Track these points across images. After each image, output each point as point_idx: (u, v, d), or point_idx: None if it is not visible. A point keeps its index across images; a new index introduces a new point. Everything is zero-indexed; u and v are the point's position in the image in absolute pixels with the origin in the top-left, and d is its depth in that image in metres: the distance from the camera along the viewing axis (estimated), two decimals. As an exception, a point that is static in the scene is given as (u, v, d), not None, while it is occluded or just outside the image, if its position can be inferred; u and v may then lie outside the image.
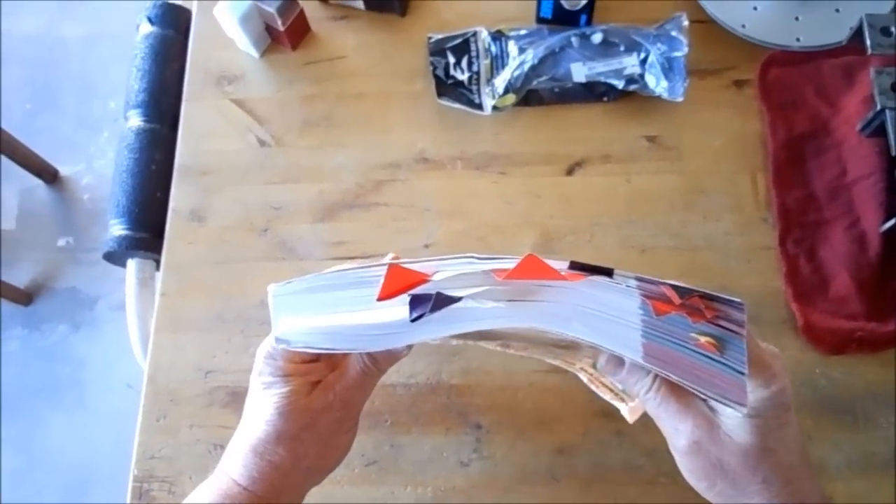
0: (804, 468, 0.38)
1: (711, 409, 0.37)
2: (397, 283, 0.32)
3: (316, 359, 0.42)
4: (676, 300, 0.31)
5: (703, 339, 0.31)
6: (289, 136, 0.64)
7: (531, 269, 0.31)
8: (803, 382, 0.53)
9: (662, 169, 0.59)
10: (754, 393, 0.36)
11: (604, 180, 0.59)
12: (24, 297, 1.50)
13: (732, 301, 0.32)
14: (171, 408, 0.56)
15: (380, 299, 0.32)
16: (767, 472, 0.36)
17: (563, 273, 0.31)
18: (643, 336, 0.31)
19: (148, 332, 0.59)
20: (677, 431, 0.37)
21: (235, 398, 0.56)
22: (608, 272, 0.32)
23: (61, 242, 1.54)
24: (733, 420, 0.36)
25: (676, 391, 0.37)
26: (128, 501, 0.54)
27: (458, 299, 0.31)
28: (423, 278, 0.32)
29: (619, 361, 0.39)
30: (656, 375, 0.37)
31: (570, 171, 0.60)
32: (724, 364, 0.31)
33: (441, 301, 0.31)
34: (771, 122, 0.60)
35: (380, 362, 0.41)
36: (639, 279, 0.32)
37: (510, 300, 0.31)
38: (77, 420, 1.42)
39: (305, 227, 0.60)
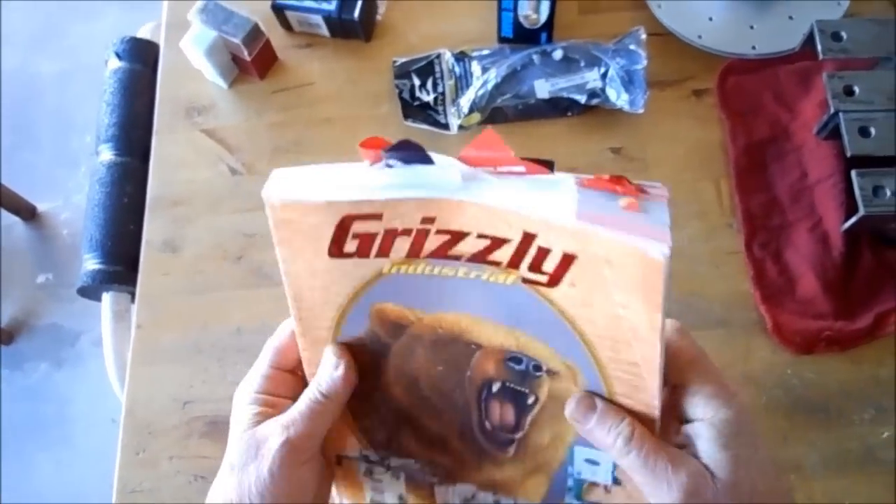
0: (781, 493, 0.35)
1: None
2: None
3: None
4: (605, 178, 0.32)
5: (627, 201, 0.32)
6: (259, 164, 0.64)
7: (488, 142, 0.32)
8: (776, 384, 0.54)
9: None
10: (718, 413, 0.33)
11: (571, 193, 0.60)
12: (5, 337, 1.49)
13: (655, 184, 0.32)
14: (150, 440, 0.56)
15: (361, 145, 0.32)
16: None
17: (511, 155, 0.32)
18: (577, 204, 0.31)
19: (125, 365, 0.59)
20: (669, 484, 0.32)
21: (214, 428, 0.56)
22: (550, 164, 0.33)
23: (41, 279, 1.53)
24: (712, 459, 0.32)
25: (657, 441, 0.33)
26: (109, 537, 0.54)
27: (430, 161, 0.33)
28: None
29: (590, 404, 0.34)
30: (632, 424, 0.33)
31: (537, 186, 0.61)
32: (647, 216, 0.31)
33: (412, 156, 0.33)
34: (731, 130, 0.62)
35: (330, 396, 0.38)
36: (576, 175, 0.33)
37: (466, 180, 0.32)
38: (63, 458, 1.41)
39: (279, 253, 0.61)
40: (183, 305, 0.60)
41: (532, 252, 0.32)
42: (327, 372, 0.38)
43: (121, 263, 0.62)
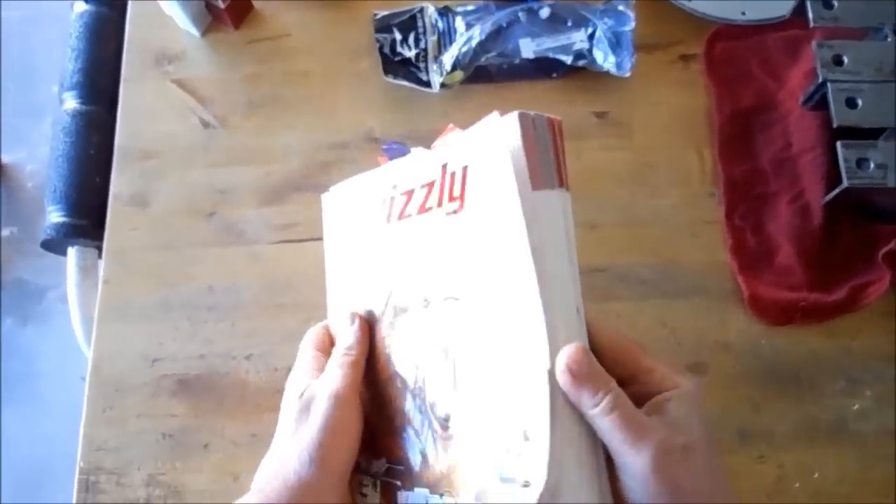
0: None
1: None
2: None
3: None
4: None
5: None
6: (233, 118, 0.62)
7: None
8: (750, 353, 0.54)
9: (612, 145, 0.60)
10: (684, 384, 0.36)
11: (554, 157, 0.59)
12: (-31, 291, 1.45)
13: None
14: (117, 398, 0.55)
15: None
16: (721, 474, 0.36)
17: None
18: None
19: (92, 322, 0.57)
20: (640, 443, 0.33)
21: (184, 386, 0.55)
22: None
23: (5, 232, 1.49)
24: (682, 421, 0.35)
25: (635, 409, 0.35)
26: (74, 495, 0.53)
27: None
28: None
29: (585, 359, 0.34)
30: (616, 388, 0.34)
31: (519, 149, 0.59)
32: None
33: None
34: (717, 97, 0.61)
35: (351, 344, 0.42)
36: None
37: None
38: (30, 415, 1.39)
39: (252, 211, 0.59)
40: (152, 262, 0.58)
41: (447, 181, 0.39)
42: (346, 329, 0.43)
43: (86, 217, 0.60)
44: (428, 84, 0.59)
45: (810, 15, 0.55)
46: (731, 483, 0.36)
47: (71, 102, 0.63)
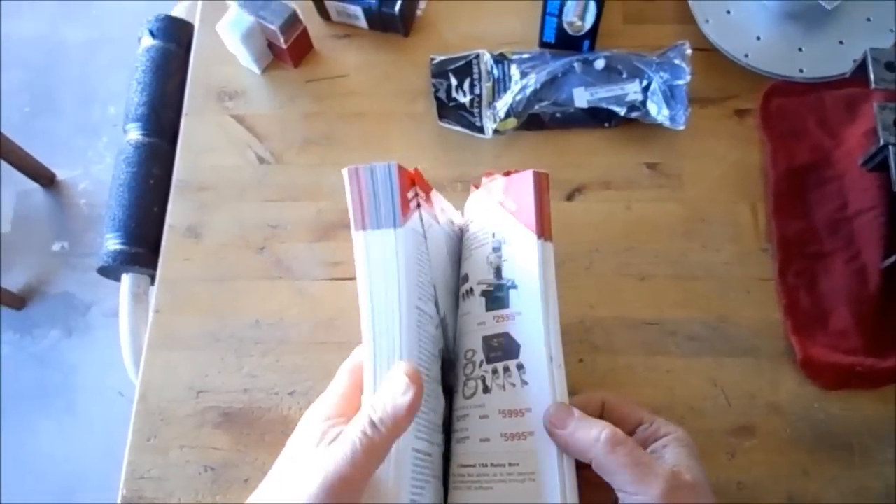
0: None
1: None
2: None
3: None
4: None
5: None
6: (288, 154, 0.63)
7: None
8: (801, 417, 0.53)
9: (663, 196, 0.59)
10: (678, 432, 0.39)
11: (604, 206, 0.59)
12: (17, 301, 1.49)
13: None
14: (162, 427, 0.56)
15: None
16: None
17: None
18: None
19: (141, 348, 0.58)
20: (656, 476, 0.35)
21: (227, 419, 0.55)
22: None
23: (56, 247, 1.53)
24: (682, 464, 0.37)
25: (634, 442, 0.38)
26: (115, 522, 0.54)
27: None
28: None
29: (568, 410, 0.38)
30: (611, 425, 0.37)
31: (569, 197, 0.59)
32: None
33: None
34: (772, 152, 0.60)
35: (381, 426, 0.34)
36: None
37: None
38: (67, 427, 1.41)
39: (303, 247, 0.60)
40: (202, 292, 0.59)
41: None
42: (390, 395, 0.35)
43: (142, 245, 0.61)
44: (481, 130, 0.60)
45: (871, 76, 0.54)
46: None
47: (134, 133, 0.65)
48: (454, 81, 0.61)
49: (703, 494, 0.37)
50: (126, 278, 0.62)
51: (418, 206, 0.44)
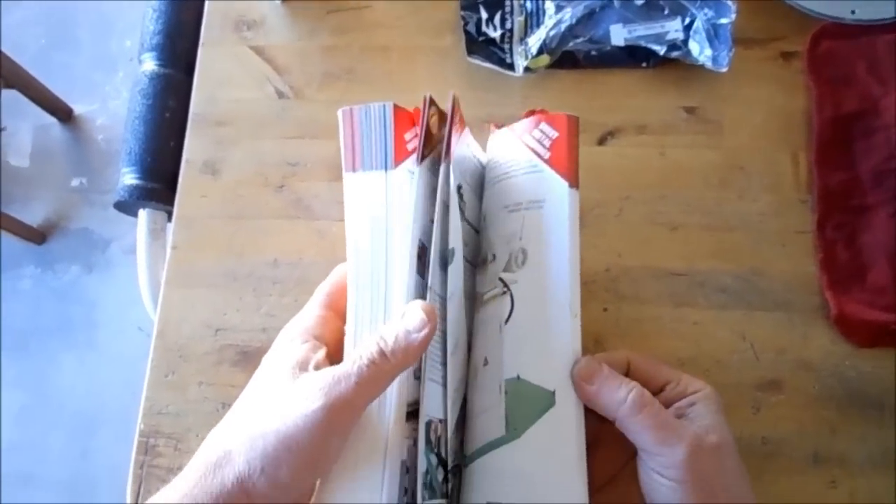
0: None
1: None
2: None
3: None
4: None
5: None
6: (308, 89, 0.61)
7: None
8: (831, 374, 0.51)
9: (700, 143, 0.56)
10: (705, 390, 0.38)
11: (637, 152, 0.57)
12: (38, 236, 1.50)
13: None
14: (180, 364, 0.55)
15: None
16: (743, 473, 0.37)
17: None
18: None
19: (158, 285, 0.58)
20: (680, 438, 0.35)
21: (245, 358, 0.55)
22: None
23: (75, 183, 1.53)
24: (708, 423, 0.36)
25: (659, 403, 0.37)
26: (133, 455, 0.54)
27: None
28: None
29: (598, 367, 0.37)
30: (638, 385, 0.37)
31: (601, 141, 0.57)
32: None
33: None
34: (818, 98, 0.57)
35: (391, 357, 0.34)
36: None
37: None
38: (87, 361, 1.44)
39: (323, 186, 0.58)
40: (220, 230, 0.58)
41: None
42: (404, 329, 0.34)
43: (159, 180, 0.60)
44: (511, 67, 0.57)
45: (933, 17, 0.50)
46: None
47: (150, 64, 0.63)
48: (484, 14, 0.58)
49: (727, 455, 0.36)
50: (143, 214, 0.61)
51: (430, 148, 0.42)
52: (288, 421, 0.32)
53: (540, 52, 0.56)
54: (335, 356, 0.37)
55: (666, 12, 0.56)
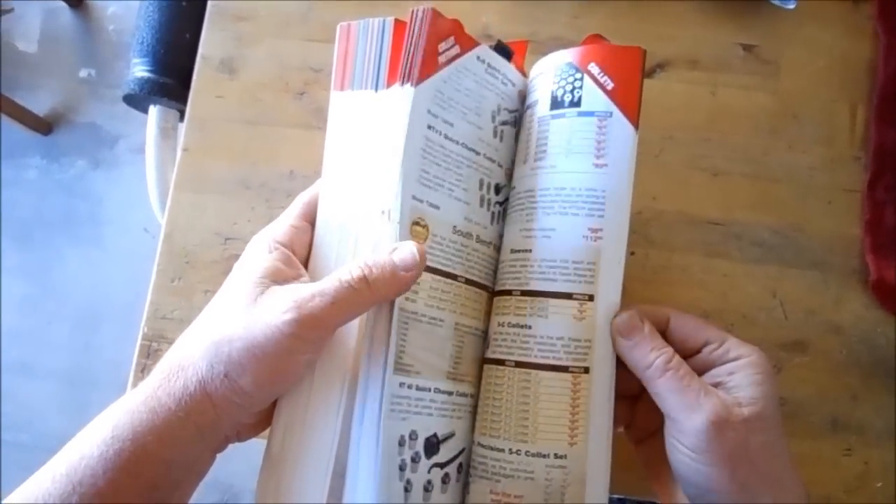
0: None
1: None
2: None
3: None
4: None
5: None
6: (338, -12, 0.56)
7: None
8: (860, 340, 0.49)
9: (754, 84, 0.52)
10: (751, 356, 0.35)
11: (686, 88, 0.53)
12: (44, 126, 1.46)
13: None
14: (187, 270, 0.53)
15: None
16: (780, 452, 0.34)
17: None
18: None
19: (167, 186, 0.55)
20: (701, 406, 0.33)
21: (254, 270, 0.53)
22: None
23: (83, 74, 1.48)
24: (745, 392, 0.34)
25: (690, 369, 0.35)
26: (135, 358, 0.53)
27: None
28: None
29: (639, 323, 0.36)
30: (671, 349, 0.35)
31: (649, 73, 0.53)
32: None
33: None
34: (885, 48, 0.53)
35: (372, 286, 0.32)
36: None
37: None
38: (91, 257, 1.43)
39: (346, 96, 0.55)
40: (235, 134, 0.55)
41: None
42: (391, 265, 0.33)
43: (172, 75, 0.56)
44: (559, -16, 0.52)
45: None
46: (794, 466, 0.34)
47: (168, -54, 0.58)
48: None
49: (758, 430, 0.33)
50: (153, 110, 0.57)
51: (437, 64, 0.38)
52: (255, 329, 0.31)
53: (593, -31, 0.51)
54: (304, 267, 0.37)
55: (736, -65, 0.51)
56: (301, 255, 0.36)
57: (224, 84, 0.55)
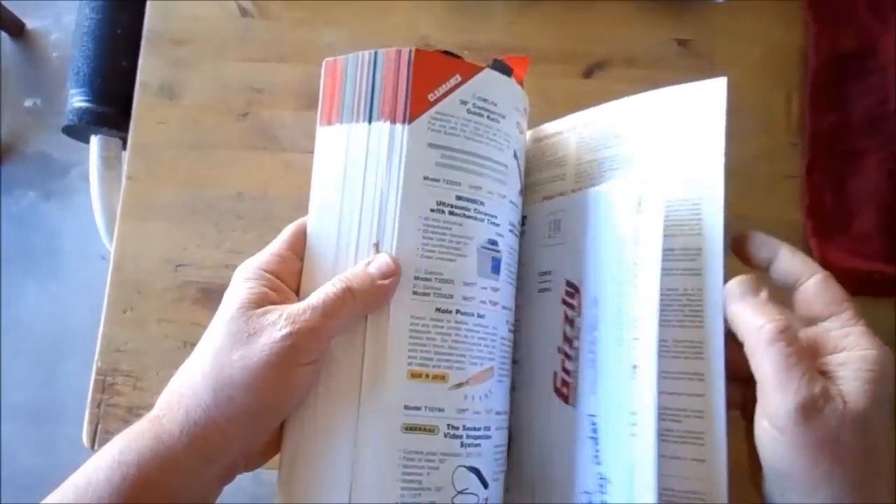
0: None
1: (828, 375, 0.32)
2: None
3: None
4: None
5: None
6: (274, 7, 0.56)
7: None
8: (810, 322, 0.51)
9: (691, 78, 0.52)
10: (871, 350, 0.31)
11: (625, 86, 0.53)
12: (-8, 159, 1.43)
13: None
14: (139, 300, 0.52)
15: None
16: (875, 459, 0.31)
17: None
18: None
19: (114, 216, 0.54)
20: (798, 388, 0.30)
21: (207, 295, 0.52)
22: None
23: (28, 103, 1.44)
24: (851, 388, 0.30)
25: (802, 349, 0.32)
26: (90, 393, 0.52)
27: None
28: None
29: (758, 286, 0.34)
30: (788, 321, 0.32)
31: (588, 73, 0.54)
32: None
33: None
34: (815, 36, 0.54)
35: (358, 296, 0.34)
36: None
37: None
38: (50, 288, 1.39)
39: (290, 114, 0.54)
40: (179, 160, 0.54)
41: None
42: (370, 273, 0.34)
43: (111, 104, 0.55)
44: (492, -9, 0.53)
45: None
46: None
47: (99, -27, 0.57)
48: (466, -70, 0.53)
49: (860, 430, 0.30)
50: (95, 140, 0.57)
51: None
52: (254, 348, 0.32)
53: (526, -27, 0.52)
54: (289, 294, 0.36)
55: (663, -66, 0.52)
56: (289, 284, 0.36)
57: (165, 109, 0.55)
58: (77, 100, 0.55)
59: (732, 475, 0.33)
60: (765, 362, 0.31)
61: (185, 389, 0.32)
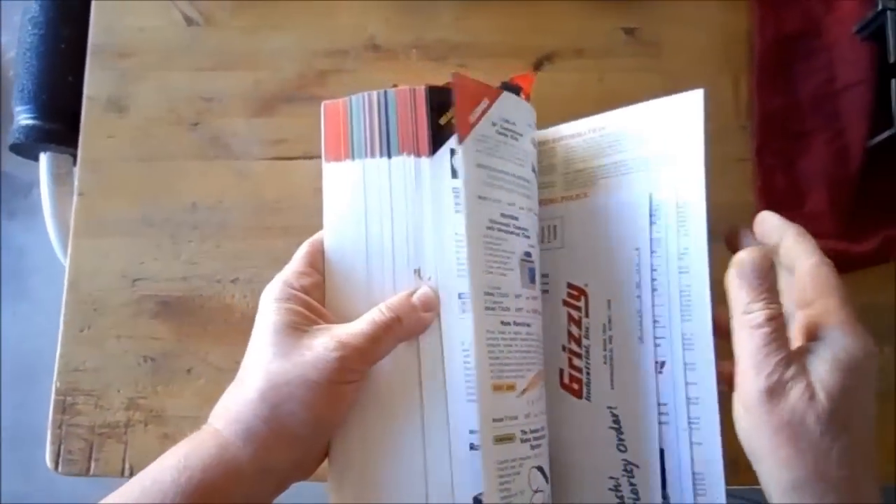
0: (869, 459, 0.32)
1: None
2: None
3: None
4: None
5: None
6: (220, 14, 0.55)
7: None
8: (767, 302, 0.51)
9: (639, 66, 0.54)
10: (846, 341, 0.32)
11: (574, 77, 0.54)
12: (-48, 181, 1.40)
13: None
14: (96, 317, 0.52)
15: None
16: (842, 451, 0.30)
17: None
18: None
19: (68, 234, 0.53)
20: (759, 372, 0.31)
21: (166, 308, 0.52)
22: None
23: (-13, 123, 1.42)
24: (821, 380, 0.31)
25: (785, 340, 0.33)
26: (50, 415, 0.51)
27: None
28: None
29: (765, 276, 0.34)
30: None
31: (537, 66, 0.54)
32: None
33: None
34: (760, 18, 0.55)
35: (405, 324, 0.36)
36: None
37: None
38: (20, 310, 1.37)
39: (241, 122, 0.54)
40: (131, 173, 0.53)
41: None
42: (414, 307, 0.36)
43: (59, 120, 0.54)
44: (439, -12, 0.53)
45: (876, -70, 0.48)
46: (872, 476, 0.31)
47: (39, -13, 0.56)
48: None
49: (828, 420, 0.30)
50: (44, 158, 0.56)
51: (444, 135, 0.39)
52: (307, 366, 0.34)
53: (470, -30, 0.52)
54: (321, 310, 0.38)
55: (603, -75, 0.52)
56: (316, 298, 0.38)
57: (114, 123, 0.54)
58: (23, 117, 0.54)
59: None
60: (747, 342, 0.33)
61: (242, 407, 0.34)
